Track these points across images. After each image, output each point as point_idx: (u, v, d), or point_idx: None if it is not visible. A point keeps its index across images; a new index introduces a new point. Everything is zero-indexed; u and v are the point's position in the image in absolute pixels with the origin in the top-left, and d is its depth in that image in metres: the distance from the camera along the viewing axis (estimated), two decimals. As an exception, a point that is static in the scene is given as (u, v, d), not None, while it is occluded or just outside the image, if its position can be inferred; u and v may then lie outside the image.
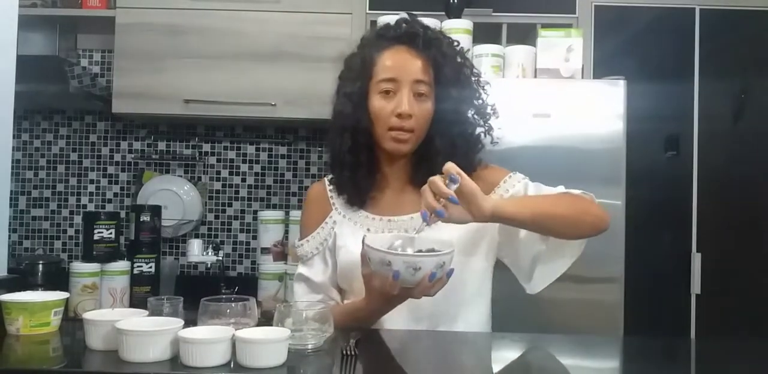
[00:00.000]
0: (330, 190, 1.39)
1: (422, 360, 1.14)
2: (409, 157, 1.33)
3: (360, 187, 1.33)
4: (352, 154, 1.30)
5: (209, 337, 0.95)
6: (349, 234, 1.31)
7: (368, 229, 1.32)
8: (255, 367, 0.93)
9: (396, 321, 1.25)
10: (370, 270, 1.13)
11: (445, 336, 1.25)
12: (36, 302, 1.12)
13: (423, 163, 1.29)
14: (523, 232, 1.29)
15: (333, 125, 1.34)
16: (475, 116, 1.33)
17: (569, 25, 2.26)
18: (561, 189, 1.31)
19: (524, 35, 2.32)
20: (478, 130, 1.34)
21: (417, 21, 1.34)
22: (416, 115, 1.25)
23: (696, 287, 2.26)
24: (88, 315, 1.04)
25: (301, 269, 1.39)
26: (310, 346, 1.03)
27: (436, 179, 1.11)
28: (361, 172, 1.32)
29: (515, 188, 1.32)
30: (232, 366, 0.94)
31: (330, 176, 1.40)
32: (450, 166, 1.11)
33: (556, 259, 1.29)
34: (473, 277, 1.31)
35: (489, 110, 1.35)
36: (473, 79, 1.34)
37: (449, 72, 1.28)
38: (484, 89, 1.35)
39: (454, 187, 1.10)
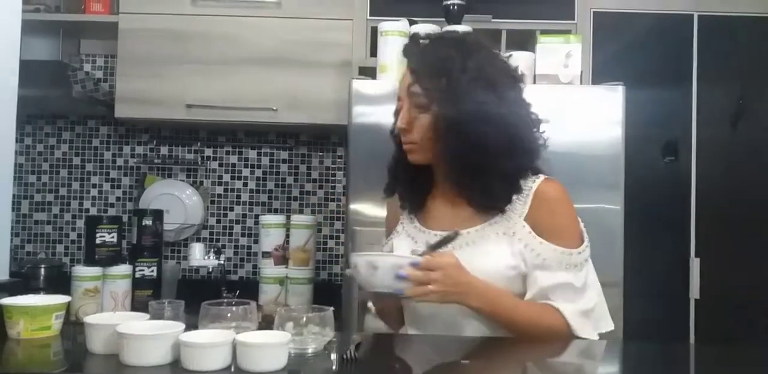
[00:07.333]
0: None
1: (422, 364, 1.15)
2: (442, 168, 1.32)
3: (413, 194, 1.37)
4: (403, 165, 1.35)
5: (210, 341, 0.96)
6: (404, 247, 1.33)
7: (414, 241, 1.34)
8: (255, 371, 0.94)
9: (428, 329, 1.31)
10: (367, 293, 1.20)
11: (445, 339, 1.26)
12: (37, 306, 1.13)
13: (450, 175, 1.30)
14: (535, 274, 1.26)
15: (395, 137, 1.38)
16: (500, 124, 1.25)
17: (568, 32, 2.27)
18: (555, 304, 1.23)
19: (523, 41, 2.32)
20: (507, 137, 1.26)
21: (417, 35, 1.39)
22: (415, 128, 1.27)
23: (695, 292, 2.26)
24: (89, 319, 1.05)
25: None
26: (310, 350, 1.04)
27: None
28: (416, 182, 1.36)
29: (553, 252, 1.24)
30: (232, 369, 0.95)
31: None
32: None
33: None
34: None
35: (521, 118, 1.30)
36: (491, 83, 1.25)
37: (446, 81, 1.24)
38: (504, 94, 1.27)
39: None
